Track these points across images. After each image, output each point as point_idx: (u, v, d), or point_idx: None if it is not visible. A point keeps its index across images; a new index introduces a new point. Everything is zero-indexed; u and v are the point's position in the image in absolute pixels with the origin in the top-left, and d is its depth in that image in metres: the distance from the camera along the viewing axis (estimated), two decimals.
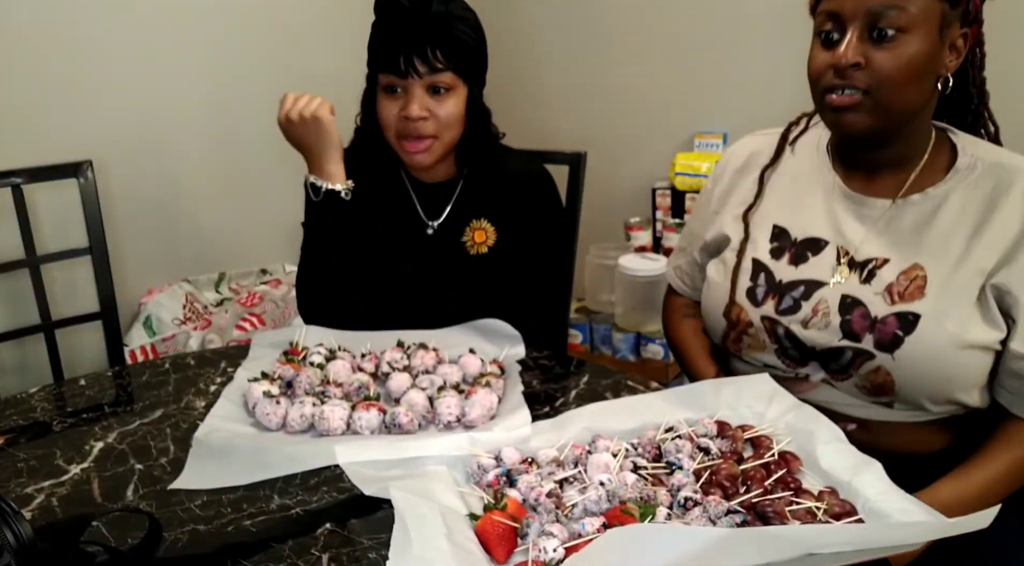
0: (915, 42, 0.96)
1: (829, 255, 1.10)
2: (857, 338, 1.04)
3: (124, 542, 0.80)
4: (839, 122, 1.03)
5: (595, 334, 2.51)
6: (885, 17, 0.95)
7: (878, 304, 1.03)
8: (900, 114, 1.01)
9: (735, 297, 1.15)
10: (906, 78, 0.97)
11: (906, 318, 1.01)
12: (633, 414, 0.99)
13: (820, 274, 1.09)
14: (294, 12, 2.36)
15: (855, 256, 1.08)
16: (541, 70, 2.74)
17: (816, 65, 1.03)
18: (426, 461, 0.91)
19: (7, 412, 1.11)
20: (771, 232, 1.17)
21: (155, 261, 2.16)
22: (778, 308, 1.11)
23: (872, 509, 0.79)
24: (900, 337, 1.01)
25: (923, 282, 1.02)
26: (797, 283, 1.10)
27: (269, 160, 2.35)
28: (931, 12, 0.96)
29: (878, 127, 1.01)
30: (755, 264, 1.16)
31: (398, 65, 1.21)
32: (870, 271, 1.06)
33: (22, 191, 1.53)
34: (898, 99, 0.99)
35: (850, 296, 1.06)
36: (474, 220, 1.37)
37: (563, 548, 0.73)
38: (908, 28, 0.95)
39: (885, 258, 1.05)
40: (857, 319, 1.04)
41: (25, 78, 1.84)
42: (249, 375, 1.12)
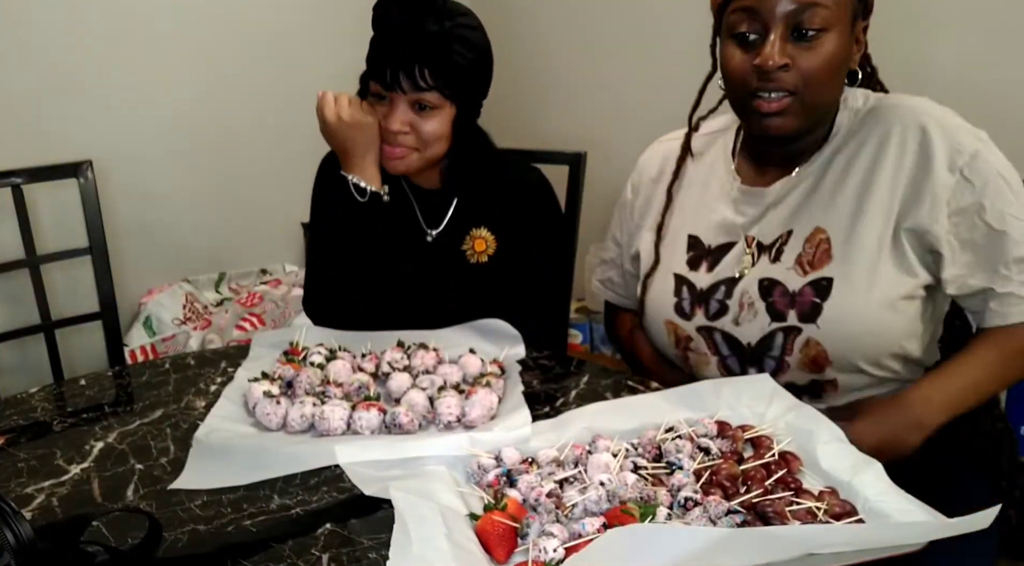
0: (834, 39, 0.97)
1: (738, 249, 1.11)
2: (783, 317, 1.05)
3: (124, 542, 0.80)
4: (767, 126, 1.02)
5: (595, 334, 2.51)
6: (806, 16, 0.95)
7: (792, 278, 1.05)
8: (822, 110, 1.03)
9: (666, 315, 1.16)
10: (830, 75, 0.98)
11: (819, 284, 1.02)
12: (633, 414, 0.99)
13: (733, 270, 1.11)
14: (294, 13, 2.36)
15: (762, 240, 1.09)
16: (541, 70, 2.74)
17: (736, 67, 1.02)
18: (426, 461, 0.91)
19: (7, 412, 1.11)
20: (686, 243, 1.17)
21: (155, 261, 2.16)
22: (708, 314, 1.12)
23: (872, 509, 0.79)
24: (819, 304, 1.02)
25: (828, 244, 1.03)
26: (716, 286, 1.12)
27: (269, 160, 2.35)
28: (844, 9, 0.97)
29: (804, 126, 1.02)
30: (676, 279, 1.17)
31: (384, 77, 1.20)
32: (778, 249, 1.07)
33: (22, 191, 1.53)
34: (823, 97, 1.00)
35: (767, 278, 1.07)
36: (474, 229, 1.36)
37: (563, 548, 0.72)
38: (828, 26, 0.96)
39: (788, 230, 1.06)
40: (778, 298, 1.06)
41: (25, 78, 1.84)
42: (249, 375, 1.12)
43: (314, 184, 1.41)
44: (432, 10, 1.19)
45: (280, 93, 2.35)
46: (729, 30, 1.02)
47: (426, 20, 1.18)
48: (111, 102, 2.00)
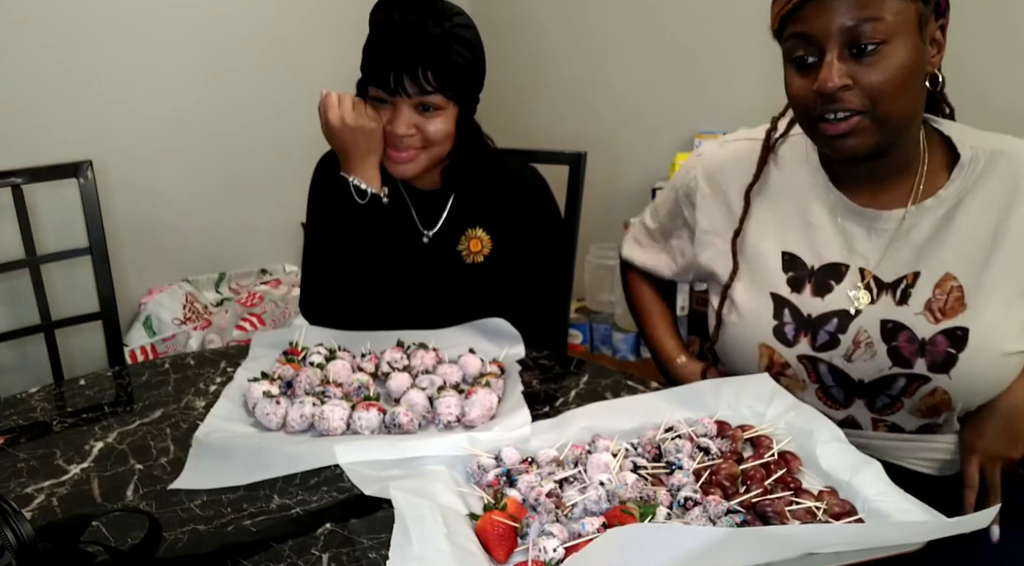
0: (899, 49, 0.91)
1: (853, 279, 1.04)
2: (908, 364, 0.99)
3: (124, 542, 0.80)
4: (839, 148, 0.97)
5: (595, 334, 2.51)
6: (862, 32, 0.89)
7: (922, 325, 0.99)
8: (900, 124, 0.96)
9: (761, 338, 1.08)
10: (899, 88, 0.92)
11: (954, 334, 0.97)
12: (633, 414, 0.99)
13: (847, 302, 1.03)
14: (294, 13, 2.36)
15: (881, 277, 1.02)
16: (541, 70, 2.74)
17: (798, 93, 0.97)
18: (426, 461, 0.91)
19: (7, 412, 1.11)
20: (781, 261, 1.09)
21: (155, 261, 2.16)
22: (814, 345, 1.05)
23: (872, 509, 0.79)
24: (953, 355, 0.97)
25: (960, 292, 0.98)
26: (828, 316, 1.04)
27: (269, 160, 2.35)
28: (908, 15, 0.90)
29: (881, 143, 0.96)
30: (776, 299, 1.08)
31: (387, 82, 1.19)
32: (903, 291, 1.01)
33: (22, 191, 1.53)
34: (896, 110, 0.94)
35: (891, 321, 1.01)
36: (469, 229, 1.36)
37: (563, 548, 0.73)
38: (888, 38, 0.90)
39: (915, 272, 1.01)
40: (904, 344, 1.00)
41: (25, 78, 1.84)
42: (249, 375, 1.12)
43: (311, 184, 1.41)
44: (432, 12, 1.18)
45: (280, 93, 2.35)
46: (788, 56, 0.97)
47: (427, 22, 1.17)
48: (111, 102, 2.00)
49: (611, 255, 2.43)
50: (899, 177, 1.03)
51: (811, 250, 1.07)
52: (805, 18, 0.92)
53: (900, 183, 1.03)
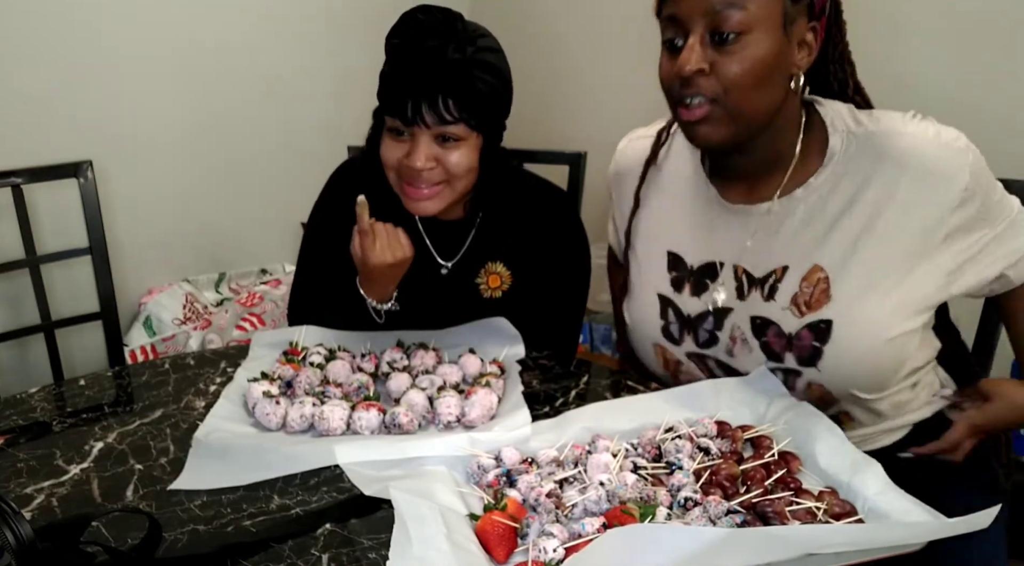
0: (759, 42, 0.91)
1: (727, 276, 1.06)
2: (780, 358, 1.02)
3: (124, 542, 0.80)
4: (693, 136, 0.99)
5: (595, 334, 2.51)
6: (725, 18, 0.90)
7: (788, 319, 1.00)
8: (754, 119, 0.96)
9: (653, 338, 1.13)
10: (754, 81, 0.92)
11: (818, 327, 0.98)
12: (633, 414, 0.99)
13: (720, 299, 1.06)
14: (295, 15, 2.36)
15: (752, 272, 1.04)
16: (541, 70, 2.74)
17: (664, 74, 0.98)
18: (426, 461, 0.91)
19: (7, 412, 1.11)
20: (666, 260, 1.12)
21: (155, 261, 2.16)
22: (697, 342, 1.08)
23: (872, 509, 0.79)
24: (818, 349, 0.98)
25: (826, 284, 0.98)
26: (704, 314, 1.07)
27: (269, 160, 2.36)
28: (772, 9, 0.91)
29: (734, 135, 0.96)
30: (661, 300, 1.12)
31: (405, 112, 1.11)
32: (771, 286, 1.02)
33: (22, 191, 1.53)
34: (749, 104, 0.94)
35: (759, 317, 1.03)
36: (489, 263, 1.30)
37: (563, 548, 0.73)
38: (750, 28, 0.90)
39: (783, 266, 1.01)
40: (773, 339, 1.02)
41: (25, 78, 1.84)
42: (249, 375, 1.12)
43: (322, 193, 1.36)
44: (452, 37, 1.11)
45: (281, 93, 2.35)
46: (662, 38, 0.98)
47: (447, 48, 1.10)
48: (111, 102, 2.00)
49: None
50: (772, 171, 1.03)
51: (691, 249, 1.10)
52: (676, 0, 0.94)
53: (772, 177, 1.03)
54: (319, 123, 2.37)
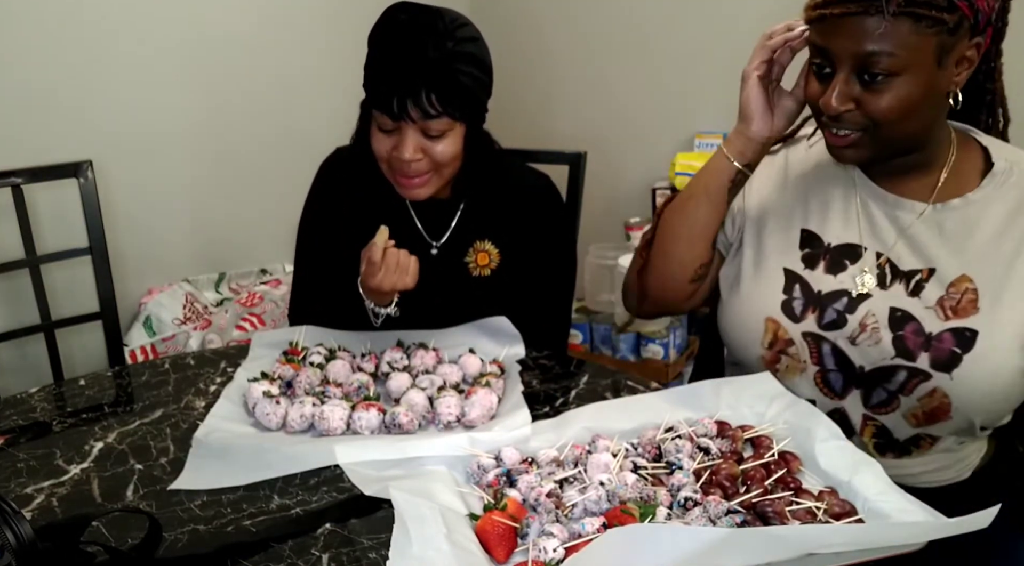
0: (909, 81, 0.90)
1: (868, 262, 1.03)
2: (911, 356, 0.98)
3: (124, 542, 0.80)
4: (839, 156, 0.99)
5: (595, 334, 2.51)
6: (875, 62, 0.89)
7: (931, 319, 0.98)
8: (904, 142, 0.97)
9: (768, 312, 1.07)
10: (904, 115, 0.92)
11: (963, 335, 0.96)
12: (633, 414, 0.99)
13: (859, 283, 1.03)
14: (294, 15, 2.36)
15: (898, 265, 1.02)
16: (541, 70, 2.74)
17: (810, 95, 0.98)
18: (426, 461, 0.91)
19: (7, 412, 1.11)
20: (799, 236, 1.09)
21: (155, 261, 2.16)
22: (820, 322, 1.03)
23: (872, 509, 0.79)
24: (958, 354, 0.95)
25: (974, 295, 0.97)
26: (838, 294, 1.03)
27: (269, 160, 2.35)
28: (924, 49, 0.88)
29: (881, 156, 0.97)
30: (788, 274, 1.07)
31: (391, 107, 1.13)
32: (916, 283, 1.00)
33: (22, 191, 1.52)
34: (899, 132, 0.94)
35: (900, 309, 0.99)
36: (477, 241, 1.33)
37: (563, 548, 0.73)
38: (900, 71, 0.89)
39: (931, 268, 0.99)
40: (910, 335, 0.98)
41: (25, 78, 1.84)
42: (249, 375, 1.12)
43: (312, 188, 1.38)
44: (432, 33, 1.13)
45: (281, 93, 2.34)
46: (809, 54, 0.97)
47: (427, 46, 1.12)
48: (111, 102, 2.00)
49: (611, 255, 2.42)
50: (920, 173, 1.02)
51: (830, 228, 1.07)
52: (824, 32, 0.93)
53: (921, 178, 1.02)
54: (319, 123, 2.37)
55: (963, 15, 0.88)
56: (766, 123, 1.07)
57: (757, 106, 1.07)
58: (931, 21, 0.87)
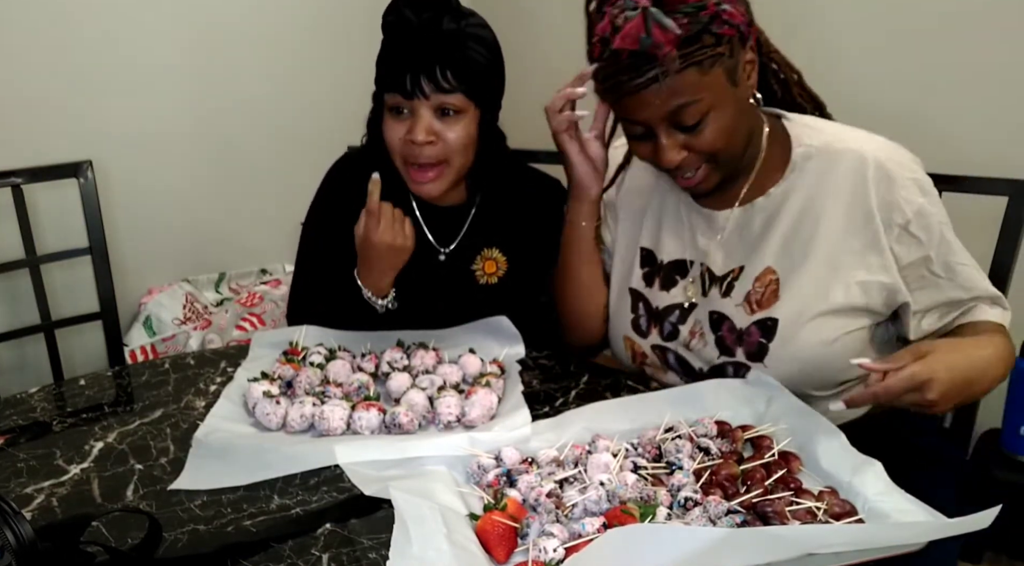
0: (720, 112, 0.96)
1: (694, 274, 1.12)
2: (731, 352, 1.07)
3: (124, 542, 0.80)
4: (696, 192, 1.07)
5: None
6: (681, 114, 0.95)
7: (740, 315, 1.06)
8: (739, 154, 1.03)
9: (624, 331, 1.18)
10: (730, 140, 0.99)
11: (765, 325, 1.03)
12: (633, 414, 0.99)
13: (686, 295, 1.12)
14: (295, 14, 2.36)
15: (714, 270, 1.10)
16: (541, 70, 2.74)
17: (643, 157, 1.04)
18: (426, 461, 0.91)
19: (7, 412, 1.11)
20: (639, 256, 1.18)
21: (155, 261, 2.16)
22: (662, 335, 1.14)
23: (872, 509, 0.79)
24: (764, 345, 1.03)
25: (776, 285, 1.04)
26: (672, 308, 1.13)
27: (269, 160, 2.35)
28: (719, 81, 0.94)
29: (726, 175, 1.04)
30: (632, 294, 1.18)
31: (404, 84, 1.13)
32: (728, 283, 1.08)
33: (22, 191, 1.53)
34: (734, 152, 1.01)
35: (716, 312, 1.09)
36: (485, 249, 1.32)
37: (563, 548, 0.73)
38: (708, 109, 0.95)
39: (740, 267, 1.07)
40: (726, 333, 1.07)
41: (25, 78, 1.84)
42: (249, 375, 1.12)
43: (320, 189, 1.37)
44: (446, 9, 1.15)
45: (281, 93, 2.34)
46: (624, 128, 1.04)
47: (441, 19, 1.14)
48: (111, 102, 2.00)
49: None
50: (737, 178, 1.08)
51: (663, 246, 1.15)
52: (626, 109, 0.99)
53: (738, 182, 1.09)
54: (319, 123, 2.37)
55: (730, 37, 0.94)
56: (597, 181, 1.18)
57: (586, 171, 1.18)
58: (711, 59, 0.93)
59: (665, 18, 0.90)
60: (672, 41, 0.90)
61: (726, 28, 0.93)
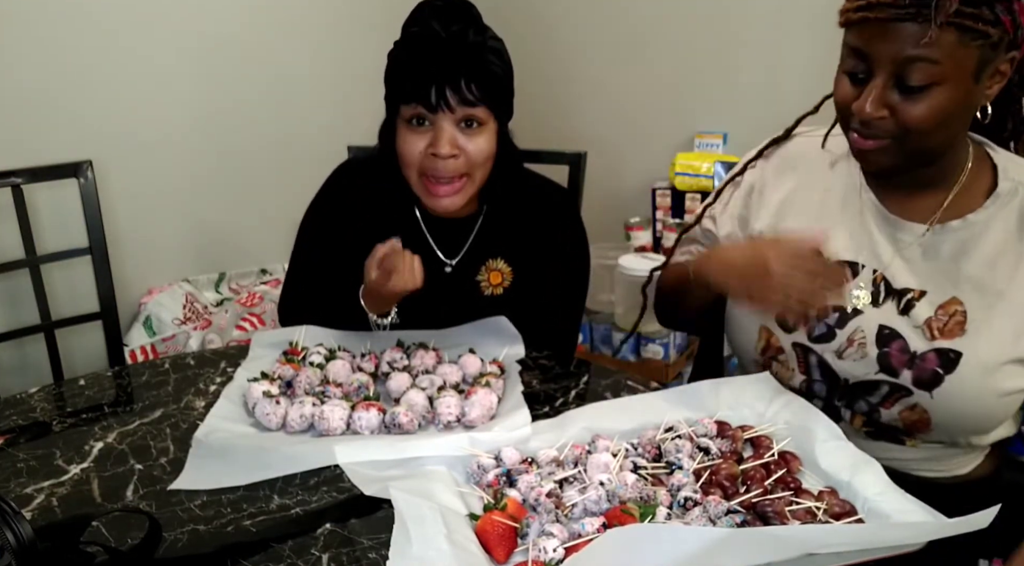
0: (947, 92, 0.88)
1: (865, 279, 1.04)
2: (895, 373, 1.00)
3: (124, 542, 0.80)
4: (863, 161, 0.98)
5: (595, 334, 2.51)
6: (915, 69, 0.87)
7: (917, 339, 0.99)
8: (929, 154, 0.95)
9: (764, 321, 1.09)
10: (936, 126, 0.90)
11: (947, 356, 0.97)
12: (633, 414, 0.99)
13: (852, 298, 1.03)
14: (295, 15, 2.36)
15: (892, 283, 1.02)
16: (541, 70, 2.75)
17: (841, 98, 0.96)
18: (426, 461, 0.91)
19: (7, 412, 1.11)
20: None
21: (155, 261, 2.16)
22: (811, 335, 1.06)
23: (872, 509, 0.80)
24: (940, 375, 0.97)
25: (963, 318, 0.97)
26: (832, 308, 1.04)
27: (269, 160, 2.35)
28: (966, 61, 0.87)
29: (905, 165, 0.96)
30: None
31: (428, 97, 1.11)
32: (907, 302, 1.00)
33: (22, 191, 1.52)
34: (927, 144, 0.93)
35: (888, 327, 1.01)
36: (490, 260, 1.31)
37: (563, 548, 0.73)
38: (940, 81, 0.87)
39: (922, 290, 1.00)
40: (895, 353, 1.00)
41: (25, 78, 1.84)
42: (249, 375, 1.12)
43: (320, 193, 1.36)
44: (471, 22, 1.14)
45: (281, 93, 2.34)
46: (842, 57, 0.95)
47: (467, 31, 1.13)
48: (111, 102, 2.00)
49: (611, 255, 2.42)
50: (932, 190, 1.01)
51: (832, 243, 1.07)
52: (864, 36, 0.90)
53: (928, 196, 1.01)
54: (319, 123, 2.37)
55: (1004, 30, 0.87)
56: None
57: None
58: (976, 34, 0.85)
59: None
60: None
61: (1007, 17, 0.86)
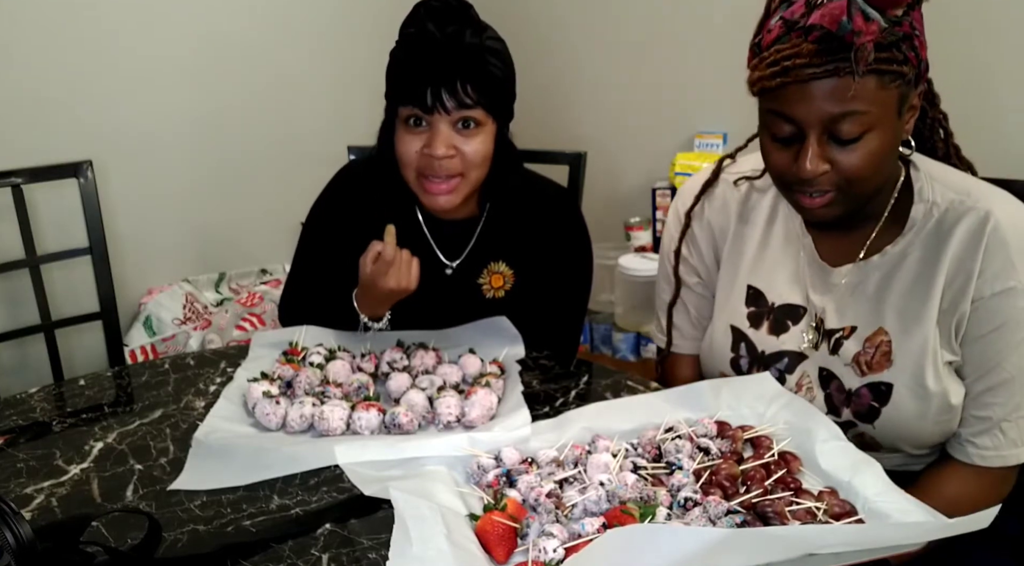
0: (879, 136, 0.90)
1: (808, 322, 1.07)
2: (837, 412, 1.04)
3: (124, 542, 0.80)
4: (814, 216, 0.99)
5: (595, 334, 2.51)
6: (846, 122, 0.88)
7: (849, 376, 1.03)
8: (871, 195, 0.97)
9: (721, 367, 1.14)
10: (875, 170, 0.92)
11: (878, 389, 1.00)
12: (633, 414, 0.99)
13: (799, 343, 1.07)
14: (295, 15, 2.36)
15: (826, 325, 1.05)
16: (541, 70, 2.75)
17: (778, 166, 0.96)
18: (426, 461, 0.91)
19: (7, 412, 1.11)
20: (745, 293, 1.12)
21: (155, 261, 2.16)
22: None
23: (872, 509, 0.79)
24: (876, 408, 1.01)
25: (888, 348, 1.00)
26: (780, 354, 1.08)
27: (269, 160, 2.36)
28: (889, 102, 0.89)
29: (851, 211, 0.97)
30: (734, 332, 1.12)
31: (424, 98, 1.11)
32: (836, 341, 1.04)
33: (22, 191, 1.52)
34: (868, 188, 0.95)
35: (826, 369, 1.05)
36: (492, 263, 1.31)
37: (563, 548, 0.73)
38: (870, 127, 0.89)
39: (852, 326, 1.03)
40: (835, 392, 1.04)
41: (25, 78, 1.84)
42: (249, 375, 1.12)
43: (325, 192, 1.36)
44: (469, 23, 1.13)
45: (281, 93, 2.35)
46: (766, 125, 0.96)
47: (464, 33, 1.12)
48: (111, 102, 2.00)
49: (611, 255, 2.43)
50: (861, 226, 1.04)
51: (775, 288, 1.10)
52: (787, 100, 0.90)
53: (860, 232, 1.04)
54: (319, 123, 2.37)
55: (914, 66, 0.89)
56: None
57: None
58: (893, 75, 0.88)
59: (871, 8, 0.84)
60: (873, 33, 0.83)
61: (913, 54, 0.88)
